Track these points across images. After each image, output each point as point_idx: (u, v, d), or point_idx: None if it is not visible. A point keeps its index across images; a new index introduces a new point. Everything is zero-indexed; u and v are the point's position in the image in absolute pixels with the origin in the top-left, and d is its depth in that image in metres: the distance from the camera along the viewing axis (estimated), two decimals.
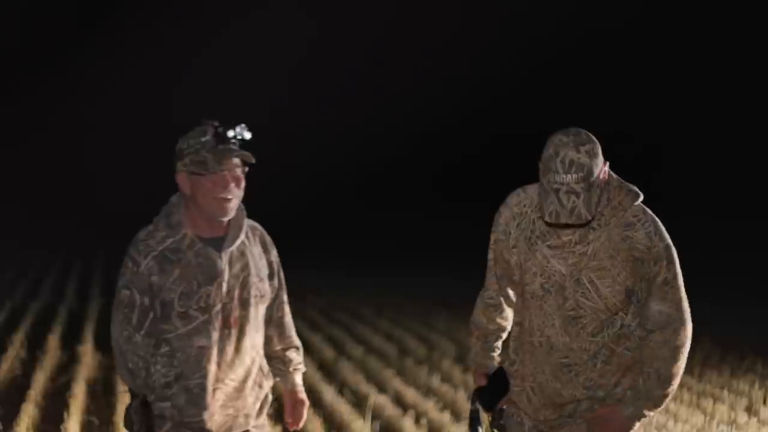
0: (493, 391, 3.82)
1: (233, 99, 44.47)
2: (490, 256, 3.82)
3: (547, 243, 3.62)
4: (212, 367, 3.65)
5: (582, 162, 3.43)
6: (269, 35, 50.91)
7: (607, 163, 3.58)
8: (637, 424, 3.70)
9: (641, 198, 3.63)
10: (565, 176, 3.42)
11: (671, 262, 3.61)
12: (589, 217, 3.47)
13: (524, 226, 3.69)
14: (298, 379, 3.94)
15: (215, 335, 3.64)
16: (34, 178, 43.50)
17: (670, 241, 3.64)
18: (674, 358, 3.62)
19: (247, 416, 3.79)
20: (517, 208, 3.72)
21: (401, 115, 49.28)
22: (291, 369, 3.92)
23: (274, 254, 3.84)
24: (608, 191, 3.60)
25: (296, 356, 3.93)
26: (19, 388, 9.07)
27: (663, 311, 3.60)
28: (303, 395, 3.94)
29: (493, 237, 3.80)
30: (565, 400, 3.66)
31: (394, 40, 50.33)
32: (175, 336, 3.62)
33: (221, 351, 3.66)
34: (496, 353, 3.92)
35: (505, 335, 3.93)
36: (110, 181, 42.48)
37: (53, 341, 11.28)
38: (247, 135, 3.60)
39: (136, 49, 50.88)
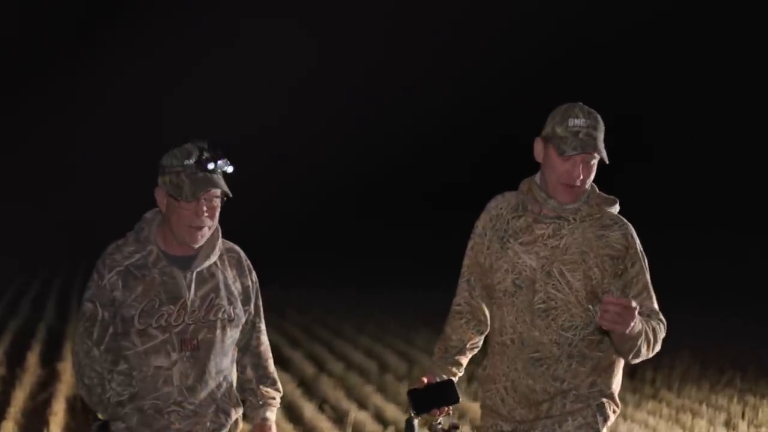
0: (426, 394, 3.69)
1: (226, 115, 44.53)
2: (465, 262, 3.86)
3: (519, 240, 3.69)
4: (168, 389, 3.57)
5: (594, 114, 3.64)
6: (264, 52, 50.99)
7: None
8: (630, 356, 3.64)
9: (618, 205, 3.74)
10: (584, 120, 3.61)
11: (646, 268, 3.70)
12: (599, 151, 3.59)
13: (498, 227, 3.75)
14: (269, 414, 3.76)
15: (174, 356, 3.56)
16: (14, 194, 43.29)
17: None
18: (656, 335, 3.62)
19: None
20: (495, 210, 3.80)
21: (387, 133, 49.43)
22: (261, 403, 3.76)
23: (251, 279, 3.74)
24: (591, 191, 3.71)
25: (269, 390, 3.78)
26: None
27: (645, 305, 3.65)
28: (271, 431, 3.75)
29: (470, 243, 3.84)
30: (539, 397, 3.67)
31: (385, 60, 50.49)
32: (134, 353, 3.56)
33: (181, 373, 3.58)
34: (455, 368, 3.86)
35: (469, 354, 3.88)
36: (92, 197, 42.39)
37: (33, 358, 11.24)
38: (229, 169, 3.54)
39: (129, 62, 50.83)
